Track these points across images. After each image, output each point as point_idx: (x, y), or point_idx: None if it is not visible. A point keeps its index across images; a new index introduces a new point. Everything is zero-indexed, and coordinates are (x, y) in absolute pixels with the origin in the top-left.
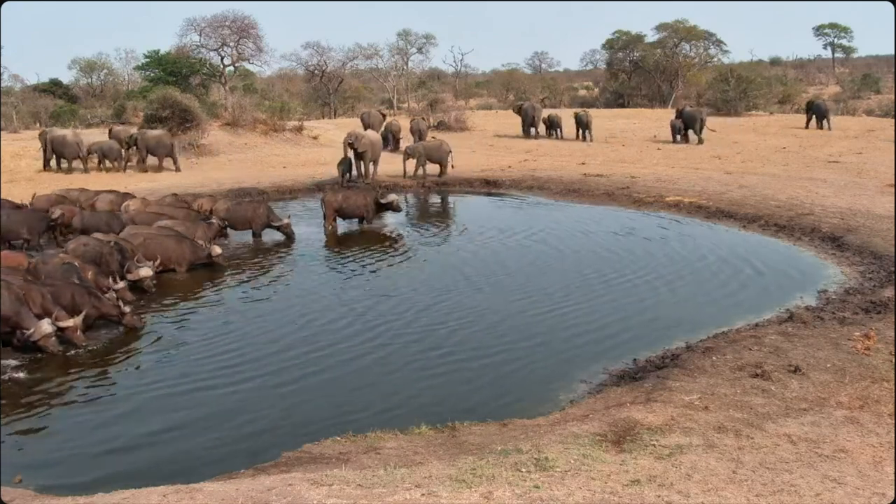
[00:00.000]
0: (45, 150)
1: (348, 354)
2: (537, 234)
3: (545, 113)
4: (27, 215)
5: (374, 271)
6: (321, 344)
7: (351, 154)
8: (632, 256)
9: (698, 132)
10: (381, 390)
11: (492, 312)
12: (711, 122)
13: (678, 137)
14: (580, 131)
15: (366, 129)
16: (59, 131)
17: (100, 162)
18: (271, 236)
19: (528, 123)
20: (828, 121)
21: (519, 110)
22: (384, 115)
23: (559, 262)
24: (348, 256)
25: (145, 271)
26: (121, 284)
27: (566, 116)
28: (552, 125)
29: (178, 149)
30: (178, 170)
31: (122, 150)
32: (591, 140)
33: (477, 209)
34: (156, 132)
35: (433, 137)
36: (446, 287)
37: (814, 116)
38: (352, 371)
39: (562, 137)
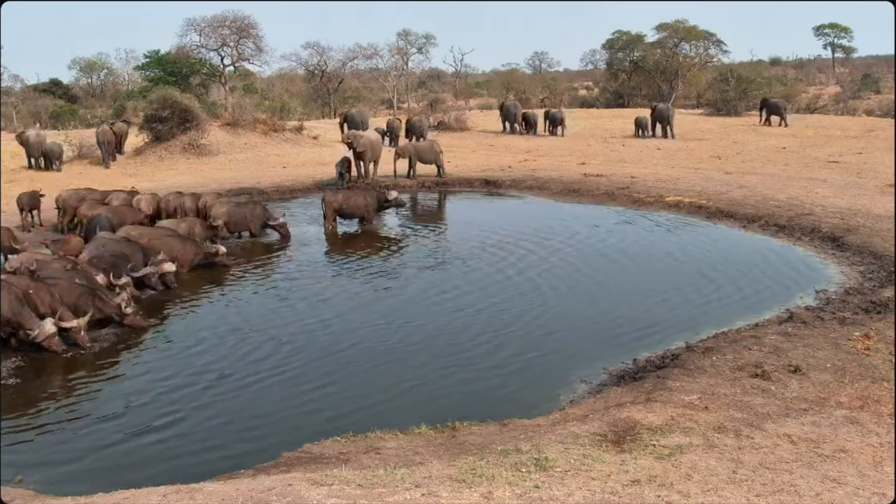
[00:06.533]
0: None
1: (348, 354)
2: (534, 233)
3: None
4: None
5: (372, 271)
6: (320, 343)
7: (350, 154)
8: (630, 256)
9: (667, 127)
10: (382, 390)
11: (490, 312)
12: (711, 123)
13: (646, 133)
14: (552, 127)
15: (358, 129)
16: (27, 132)
17: (47, 162)
18: (266, 235)
19: (509, 120)
20: (783, 118)
21: (501, 108)
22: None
23: (557, 262)
24: (348, 257)
25: (168, 266)
26: (121, 282)
27: (541, 115)
28: (528, 122)
29: (112, 146)
30: (106, 167)
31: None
32: (562, 135)
33: (474, 209)
34: (104, 127)
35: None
36: (445, 287)
37: (771, 115)
38: (352, 371)
39: (535, 133)
